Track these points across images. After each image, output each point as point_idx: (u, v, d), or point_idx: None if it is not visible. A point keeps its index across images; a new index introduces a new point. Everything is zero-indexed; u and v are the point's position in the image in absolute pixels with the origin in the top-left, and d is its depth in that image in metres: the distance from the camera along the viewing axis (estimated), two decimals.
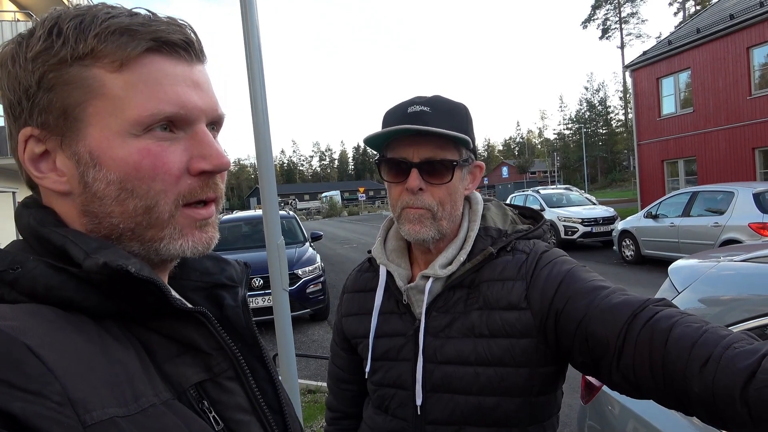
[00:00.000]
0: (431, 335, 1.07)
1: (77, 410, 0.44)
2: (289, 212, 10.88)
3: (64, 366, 0.46)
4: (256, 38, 2.64)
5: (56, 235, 0.55)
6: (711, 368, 0.73)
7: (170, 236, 0.59)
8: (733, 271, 2.05)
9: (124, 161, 0.56)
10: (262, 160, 2.68)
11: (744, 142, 16.96)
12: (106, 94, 0.55)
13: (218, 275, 0.74)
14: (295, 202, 68.70)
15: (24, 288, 0.52)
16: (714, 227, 9.52)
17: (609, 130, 76.71)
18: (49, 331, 0.48)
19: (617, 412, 2.11)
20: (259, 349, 0.71)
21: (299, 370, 5.30)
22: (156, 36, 0.57)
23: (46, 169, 0.58)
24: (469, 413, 1.03)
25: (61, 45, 0.55)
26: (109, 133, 0.56)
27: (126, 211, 0.57)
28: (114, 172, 0.56)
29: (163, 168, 0.57)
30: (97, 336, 0.52)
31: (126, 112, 0.55)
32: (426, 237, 1.06)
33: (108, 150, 0.56)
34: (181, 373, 0.58)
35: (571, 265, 1.03)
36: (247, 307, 0.74)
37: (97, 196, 0.57)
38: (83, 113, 0.56)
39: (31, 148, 0.57)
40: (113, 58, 0.55)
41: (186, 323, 0.59)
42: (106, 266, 0.52)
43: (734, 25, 16.71)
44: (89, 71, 0.55)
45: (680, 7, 60.72)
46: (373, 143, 1.10)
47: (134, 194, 0.57)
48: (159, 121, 0.57)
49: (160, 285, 0.55)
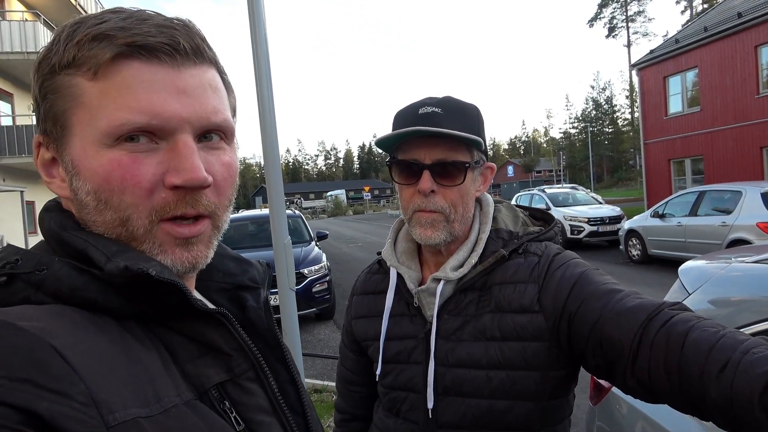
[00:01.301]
0: (442, 338, 1.06)
1: (101, 411, 0.45)
2: (295, 211, 10.88)
3: (88, 366, 0.46)
4: (263, 37, 2.64)
5: (77, 239, 0.56)
6: (729, 373, 0.72)
7: (149, 251, 0.57)
8: (745, 273, 2.03)
9: (95, 172, 0.55)
10: (268, 160, 2.68)
11: (752, 141, 16.84)
12: (84, 102, 0.54)
13: (240, 276, 0.74)
14: (300, 201, 68.80)
15: (50, 289, 0.52)
16: (722, 227, 9.46)
17: (615, 128, 76.35)
18: (74, 331, 0.49)
19: (626, 413, 2.10)
20: (281, 350, 0.72)
21: (305, 369, 5.31)
22: (131, 41, 0.54)
23: (54, 174, 0.60)
24: (481, 417, 1.02)
25: (53, 53, 0.55)
26: (86, 143, 0.55)
27: (105, 222, 0.57)
28: (89, 183, 0.55)
29: (131, 180, 0.55)
30: (120, 337, 0.53)
31: (100, 121, 0.54)
32: (438, 241, 1.06)
33: (84, 160, 0.55)
34: (202, 374, 0.58)
35: (584, 267, 1.02)
36: (269, 308, 0.74)
37: (82, 204, 0.57)
38: (69, 122, 0.56)
39: (42, 154, 0.60)
40: (89, 65, 0.54)
41: (207, 324, 0.59)
42: (128, 269, 0.52)
43: (742, 23, 16.60)
44: (73, 79, 0.55)
45: (687, 6, 60.37)
46: (384, 145, 1.09)
47: (108, 206, 0.56)
48: (129, 132, 0.54)
49: (181, 287, 0.55)
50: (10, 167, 15.17)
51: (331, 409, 4.55)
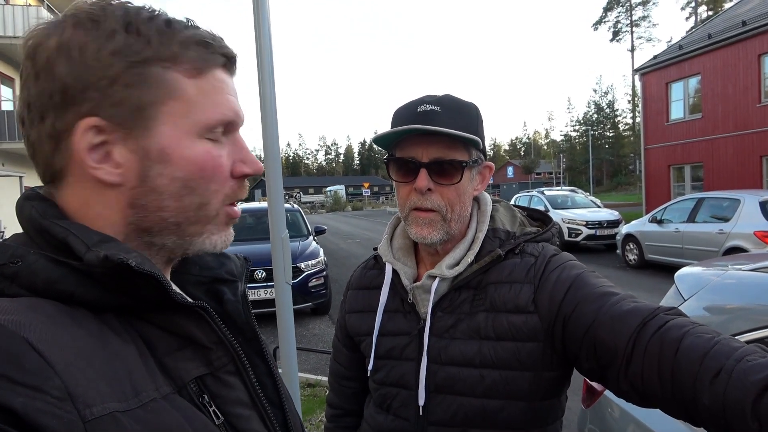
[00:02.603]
0: (436, 335, 1.06)
1: (77, 405, 0.44)
2: (294, 205, 10.87)
3: (64, 360, 0.46)
4: (266, 31, 2.63)
5: (58, 227, 0.55)
6: (722, 380, 0.72)
7: (210, 231, 0.64)
8: (740, 281, 2.04)
9: (191, 160, 0.60)
10: (269, 154, 2.67)
11: (752, 149, 16.86)
12: (181, 96, 0.59)
13: (218, 269, 0.74)
14: (299, 195, 68.80)
15: (24, 282, 0.52)
16: (719, 234, 9.48)
17: (616, 133, 76.38)
18: (49, 325, 0.48)
19: (618, 416, 2.10)
20: (258, 343, 0.72)
21: (299, 363, 5.30)
22: (225, 52, 0.64)
23: (100, 159, 0.57)
24: (473, 415, 1.02)
25: (144, 45, 0.57)
26: (180, 132, 0.59)
27: (181, 207, 0.60)
28: (181, 170, 0.59)
29: (219, 169, 0.62)
30: (98, 330, 0.52)
31: (197, 115, 0.60)
32: (434, 241, 1.06)
33: (178, 149, 0.59)
34: (181, 368, 0.58)
35: (581, 269, 1.02)
36: (247, 301, 0.75)
37: (155, 190, 0.59)
38: (157, 111, 0.58)
39: (90, 138, 0.56)
40: (194, 65, 0.60)
41: (186, 317, 0.59)
42: (107, 259, 0.52)
43: (746, 31, 16.60)
44: (168, 74, 0.58)
45: (692, 12, 60.36)
46: (382, 142, 1.09)
47: (193, 191, 0.60)
48: (221, 126, 0.62)
49: (161, 279, 0.55)
50: (10, 152, 15.14)
51: (324, 404, 4.55)
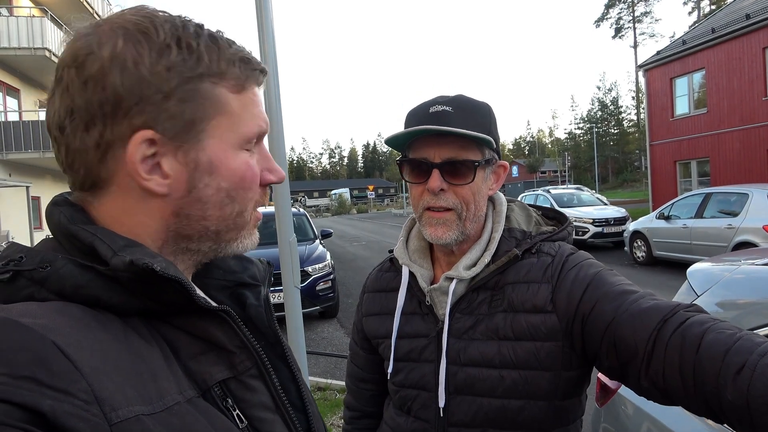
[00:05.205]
0: (454, 337, 1.06)
1: (103, 408, 0.45)
2: (299, 209, 10.89)
3: (91, 364, 0.47)
4: (270, 35, 2.65)
5: (85, 232, 0.56)
6: (746, 376, 0.72)
7: (243, 236, 0.67)
8: (753, 276, 2.02)
9: (234, 172, 0.62)
10: (275, 158, 2.69)
11: (758, 143, 16.77)
12: (228, 111, 0.62)
13: (241, 274, 0.75)
14: (304, 199, 68.91)
15: (53, 286, 0.53)
16: (727, 229, 9.42)
17: (621, 130, 75.95)
18: (77, 329, 0.49)
19: (632, 414, 2.09)
20: (281, 347, 0.73)
21: (309, 367, 5.32)
22: (261, 68, 0.67)
23: (149, 170, 0.58)
24: (494, 416, 1.02)
25: (196, 61, 0.59)
26: (226, 145, 0.62)
27: (222, 215, 0.63)
28: (226, 181, 0.62)
29: (255, 179, 0.65)
30: (123, 334, 0.53)
31: (240, 128, 0.63)
32: (449, 241, 1.06)
33: (224, 160, 0.62)
34: (205, 371, 0.59)
35: (598, 268, 1.02)
36: (270, 305, 0.75)
37: (201, 200, 0.61)
38: (207, 125, 0.60)
39: (143, 150, 0.57)
40: (238, 81, 0.62)
41: (210, 321, 0.60)
42: (133, 264, 0.53)
43: (750, 25, 16.52)
44: (217, 89, 0.61)
45: (695, 7, 60.07)
46: (395, 143, 1.09)
47: (234, 200, 0.63)
48: (255, 138, 0.65)
49: (185, 283, 0.56)
50: (17, 162, 15.24)
51: (335, 407, 4.57)
